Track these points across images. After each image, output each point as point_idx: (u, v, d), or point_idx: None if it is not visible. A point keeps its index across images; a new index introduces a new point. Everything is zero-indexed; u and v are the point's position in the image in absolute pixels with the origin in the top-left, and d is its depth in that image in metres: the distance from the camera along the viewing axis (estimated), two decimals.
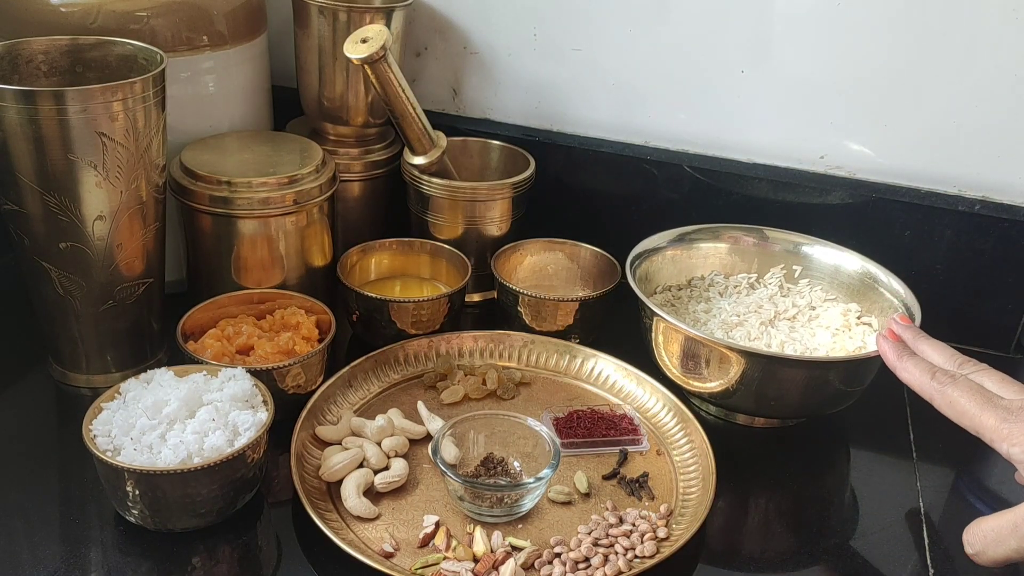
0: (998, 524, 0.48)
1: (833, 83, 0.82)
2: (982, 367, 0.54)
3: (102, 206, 0.62)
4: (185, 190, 0.72)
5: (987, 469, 0.72)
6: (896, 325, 0.60)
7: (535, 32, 0.89)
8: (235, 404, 0.58)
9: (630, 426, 0.68)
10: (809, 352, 0.71)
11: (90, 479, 0.60)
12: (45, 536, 0.56)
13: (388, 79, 0.76)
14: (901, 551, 0.61)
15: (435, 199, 0.81)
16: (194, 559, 0.55)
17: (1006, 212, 0.80)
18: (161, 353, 0.72)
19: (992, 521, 0.49)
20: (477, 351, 0.76)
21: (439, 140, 0.83)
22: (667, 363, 0.71)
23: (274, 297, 0.72)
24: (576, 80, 0.89)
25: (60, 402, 0.69)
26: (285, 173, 0.73)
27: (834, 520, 0.64)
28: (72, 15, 0.69)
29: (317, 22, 0.80)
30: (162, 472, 0.52)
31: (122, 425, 0.55)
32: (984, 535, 0.49)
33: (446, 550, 0.56)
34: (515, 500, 0.59)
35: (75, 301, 0.65)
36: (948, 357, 0.56)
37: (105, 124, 0.59)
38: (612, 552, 0.56)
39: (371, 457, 0.62)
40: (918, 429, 0.74)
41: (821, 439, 0.72)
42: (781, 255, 0.81)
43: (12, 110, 0.57)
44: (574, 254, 0.84)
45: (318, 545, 0.56)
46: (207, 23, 0.74)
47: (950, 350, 0.57)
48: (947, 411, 0.52)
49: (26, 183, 0.60)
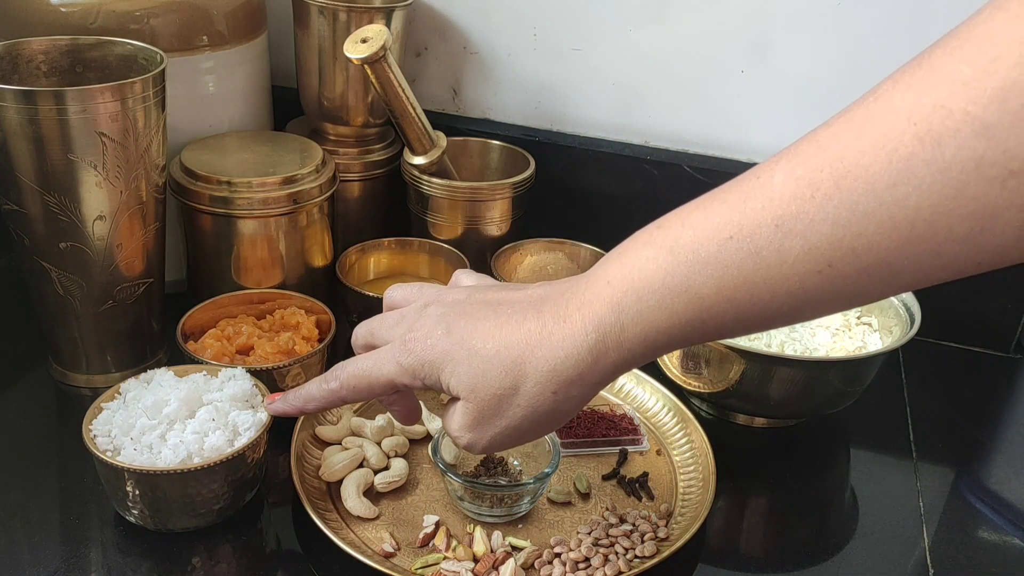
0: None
1: (833, 83, 0.82)
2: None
3: (102, 206, 0.62)
4: (185, 190, 0.72)
5: (987, 469, 0.72)
6: (273, 405, 0.57)
7: (535, 32, 0.89)
8: (235, 404, 0.58)
9: (630, 426, 0.68)
10: (809, 352, 0.71)
11: (90, 479, 0.60)
12: (45, 536, 0.56)
13: (388, 79, 0.76)
14: (901, 551, 0.61)
15: (435, 199, 0.81)
16: (194, 559, 0.55)
17: None
18: (161, 353, 0.72)
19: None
20: None
21: (439, 140, 0.83)
22: (667, 363, 0.71)
23: (274, 297, 0.72)
24: (576, 80, 0.89)
25: (60, 402, 0.69)
26: (285, 173, 0.73)
27: (834, 520, 0.64)
28: (72, 15, 0.69)
29: (317, 22, 0.80)
30: (162, 472, 0.52)
31: (122, 425, 0.55)
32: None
33: (446, 550, 0.56)
34: (515, 500, 0.59)
35: (75, 301, 0.65)
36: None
37: (105, 124, 0.59)
38: (612, 552, 0.56)
39: (371, 457, 0.62)
40: (918, 429, 0.74)
41: (821, 439, 0.72)
42: None
43: (12, 110, 0.57)
44: (574, 254, 0.84)
45: (318, 545, 0.56)
46: (207, 23, 0.74)
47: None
48: (354, 392, 0.50)
49: (26, 183, 0.60)
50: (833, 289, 0.37)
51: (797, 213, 0.36)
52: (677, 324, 0.40)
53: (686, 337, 0.41)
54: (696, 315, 0.39)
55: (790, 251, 0.36)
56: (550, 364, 0.43)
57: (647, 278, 0.40)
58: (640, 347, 0.41)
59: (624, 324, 0.41)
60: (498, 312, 0.45)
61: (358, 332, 0.51)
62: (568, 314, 0.43)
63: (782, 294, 0.38)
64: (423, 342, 0.46)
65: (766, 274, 0.37)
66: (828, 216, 0.35)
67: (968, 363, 0.85)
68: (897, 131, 0.34)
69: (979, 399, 0.80)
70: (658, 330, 0.41)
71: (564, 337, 0.42)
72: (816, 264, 0.36)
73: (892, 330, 0.72)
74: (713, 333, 0.41)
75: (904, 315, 0.72)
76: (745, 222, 0.37)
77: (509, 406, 0.44)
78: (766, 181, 0.38)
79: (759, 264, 0.37)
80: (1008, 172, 0.32)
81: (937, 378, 0.82)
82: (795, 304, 0.38)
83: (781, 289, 0.37)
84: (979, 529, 0.65)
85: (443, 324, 0.46)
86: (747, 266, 0.37)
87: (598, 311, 0.42)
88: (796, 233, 0.36)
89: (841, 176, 0.35)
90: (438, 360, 0.45)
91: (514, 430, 0.45)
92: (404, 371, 0.47)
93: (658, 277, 0.40)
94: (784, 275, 0.37)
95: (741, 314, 0.39)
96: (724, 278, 0.38)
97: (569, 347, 0.42)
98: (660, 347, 0.42)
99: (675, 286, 0.39)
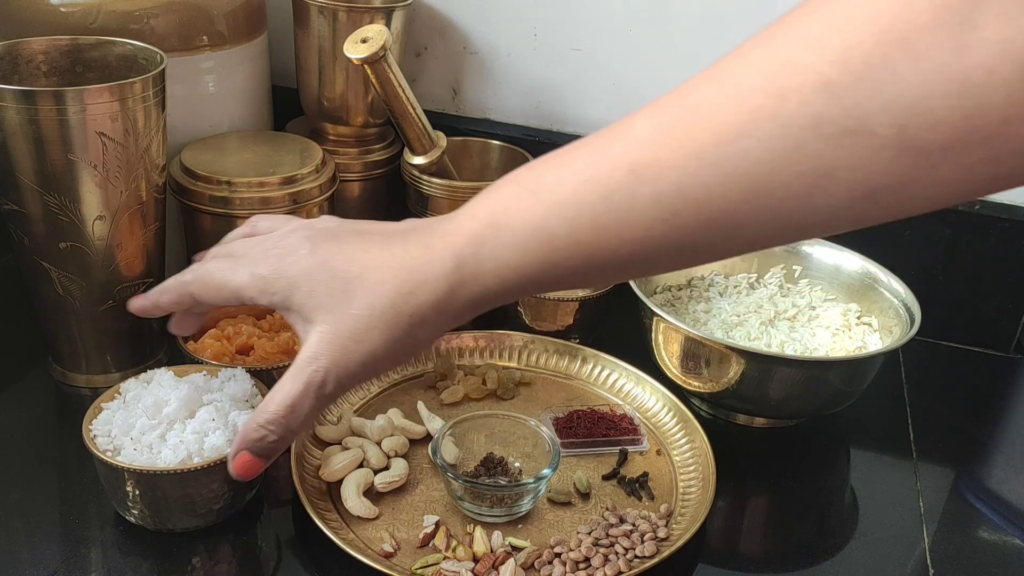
0: None
1: None
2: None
3: (102, 206, 0.62)
4: (185, 190, 0.72)
5: (987, 469, 0.72)
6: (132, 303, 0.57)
7: (535, 32, 0.89)
8: (235, 404, 0.58)
9: (630, 426, 0.68)
10: (809, 352, 0.71)
11: (90, 479, 0.60)
12: (45, 536, 0.56)
13: (388, 79, 0.76)
14: (901, 551, 0.61)
15: (435, 199, 0.81)
16: (194, 559, 0.55)
17: (1006, 212, 0.80)
18: (161, 353, 0.72)
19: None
20: (477, 351, 0.76)
21: (439, 140, 0.83)
22: (667, 363, 0.71)
23: None
24: (576, 80, 0.89)
25: (60, 402, 0.69)
26: (285, 173, 0.73)
27: (834, 520, 0.64)
28: (72, 15, 0.69)
29: (317, 22, 0.80)
30: (162, 472, 0.52)
31: (122, 425, 0.55)
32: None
33: (446, 550, 0.56)
34: (515, 500, 0.59)
35: (75, 301, 0.65)
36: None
37: (105, 124, 0.59)
38: (612, 552, 0.56)
39: (371, 457, 0.62)
40: (918, 429, 0.74)
41: (821, 439, 0.72)
42: (781, 255, 0.81)
43: (12, 110, 0.57)
44: None
45: (318, 545, 0.56)
46: (207, 23, 0.74)
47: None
48: (203, 289, 0.51)
49: (26, 183, 0.60)
50: (678, 239, 0.38)
51: (650, 160, 0.37)
52: (530, 263, 0.41)
53: (539, 279, 0.42)
54: (548, 256, 0.40)
55: (639, 196, 0.37)
56: (408, 287, 0.44)
57: (506, 215, 0.41)
58: (495, 283, 0.43)
59: (481, 257, 0.42)
60: (364, 238, 0.46)
61: (214, 249, 0.52)
62: (431, 242, 0.44)
63: (630, 241, 0.38)
64: (284, 258, 0.47)
65: (615, 218, 0.38)
66: (677, 164, 0.36)
67: (968, 363, 0.85)
68: (747, 85, 0.35)
69: (979, 399, 0.80)
70: (512, 267, 0.42)
71: (424, 263, 0.44)
72: (662, 212, 0.37)
73: (892, 330, 0.72)
74: (566, 279, 0.42)
75: (904, 315, 0.72)
76: (602, 165, 0.39)
77: (366, 329, 0.45)
78: (628, 127, 0.39)
79: (609, 208, 0.38)
80: (843, 130, 0.32)
81: (937, 378, 0.82)
82: (644, 253, 0.39)
83: (629, 236, 0.38)
84: (979, 529, 0.65)
85: (308, 244, 0.47)
86: (598, 209, 0.38)
87: (458, 241, 0.43)
88: (646, 179, 0.37)
89: (692, 125, 0.36)
90: (296, 278, 0.46)
91: (370, 356, 0.45)
92: (255, 282, 0.47)
93: (516, 215, 0.41)
94: (632, 221, 0.38)
95: (591, 259, 0.40)
96: (577, 219, 0.39)
97: (427, 272, 0.43)
98: (514, 287, 0.43)
99: (531, 224, 0.40)
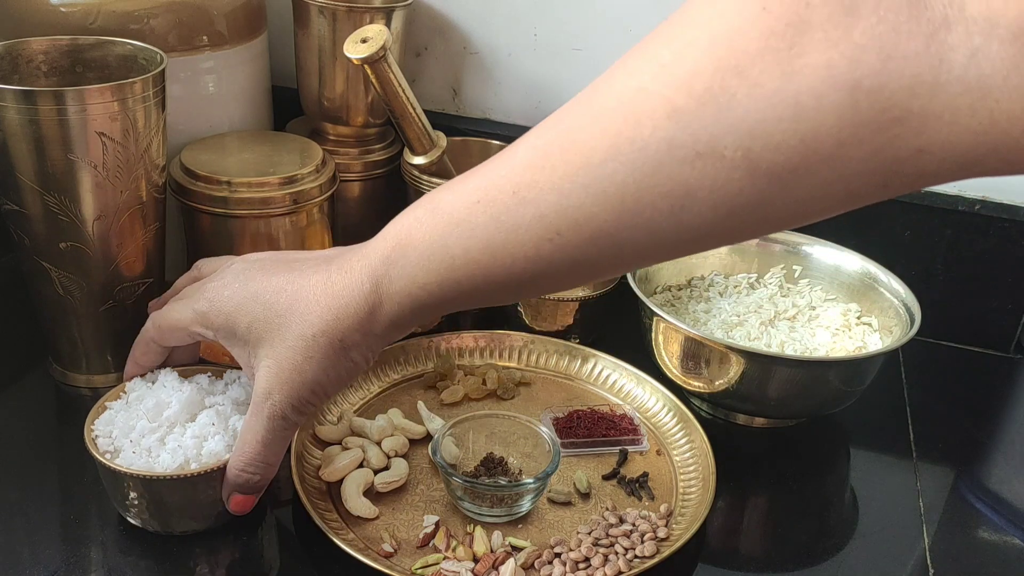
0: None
1: None
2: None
3: (102, 206, 0.62)
4: (185, 190, 0.71)
5: (987, 469, 0.72)
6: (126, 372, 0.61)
7: (535, 32, 0.89)
8: (237, 408, 0.57)
9: (630, 426, 0.68)
10: (809, 352, 0.71)
11: (90, 479, 0.60)
12: (45, 536, 0.56)
13: (388, 79, 0.76)
14: (901, 551, 0.61)
15: None
16: (194, 559, 0.55)
17: (1006, 212, 0.80)
18: None
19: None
20: (477, 351, 0.76)
21: (439, 140, 0.83)
22: (667, 363, 0.71)
23: None
24: (576, 80, 0.89)
25: (60, 402, 0.69)
26: (285, 173, 0.72)
27: (834, 520, 0.64)
28: (72, 15, 0.69)
29: (317, 22, 0.80)
30: (159, 477, 0.52)
31: (123, 426, 0.55)
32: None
33: (446, 550, 0.56)
34: (515, 500, 0.59)
35: (75, 301, 0.65)
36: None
37: (105, 124, 0.59)
38: (612, 552, 0.56)
39: (371, 457, 0.62)
40: (918, 429, 0.74)
41: (821, 439, 0.72)
42: (781, 255, 0.81)
43: (12, 110, 0.57)
44: None
45: (318, 545, 0.56)
46: (207, 23, 0.74)
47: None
48: (159, 333, 0.55)
49: (26, 183, 0.60)
50: (567, 257, 0.39)
51: (530, 182, 0.38)
52: (436, 282, 0.43)
53: (448, 297, 0.43)
54: (451, 275, 0.42)
55: (523, 217, 0.39)
56: (333, 313, 0.46)
57: (411, 235, 0.43)
58: (408, 301, 0.44)
59: (392, 277, 0.44)
60: (292, 268, 0.48)
61: (166, 294, 0.57)
62: (351, 266, 0.46)
63: (521, 259, 0.40)
64: (219, 292, 0.50)
65: (505, 239, 0.40)
66: (555, 186, 0.37)
67: (968, 363, 0.85)
68: (609, 110, 0.36)
69: (979, 399, 0.80)
70: (420, 286, 0.43)
71: (344, 287, 0.45)
72: (547, 232, 0.38)
73: (892, 330, 0.72)
74: (472, 296, 0.43)
75: (904, 315, 0.72)
76: (490, 187, 0.40)
77: (304, 360, 0.47)
78: (514, 150, 0.40)
79: (499, 228, 0.40)
80: (695, 154, 0.33)
81: (937, 378, 0.82)
82: (537, 271, 0.40)
83: (520, 254, 0.40)
84: (979, 529, 0.65)
85: (241, 278, 0.49)
86: (489, 229, 0.40)
87: (373, 263, 0.45)
88: (529, 201, 0.38)
89: (565, 149, 0.37)
90: (232, 312, 0.49)
91: (315, 383, 0.48)
92: (197, 317, 0.51)
93: (419, 235, 0.43)
94: (520, 240, 0.39)
95: (489, 277, 0.41)
96: (471, 239, 0.41)
97: (348, 296, 0.45)
98: (425, 305, 0.44)
99: (432, 244, 0.42)
